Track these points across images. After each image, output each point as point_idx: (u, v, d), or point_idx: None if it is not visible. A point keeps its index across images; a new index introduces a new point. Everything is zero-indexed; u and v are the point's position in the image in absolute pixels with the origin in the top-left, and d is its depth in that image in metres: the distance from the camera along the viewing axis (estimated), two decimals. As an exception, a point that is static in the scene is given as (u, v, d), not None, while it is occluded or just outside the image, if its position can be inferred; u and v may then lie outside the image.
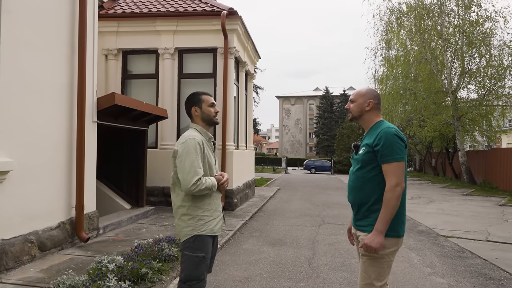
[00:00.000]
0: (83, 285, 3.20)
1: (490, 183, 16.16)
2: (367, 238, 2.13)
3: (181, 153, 2.35)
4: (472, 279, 4.32)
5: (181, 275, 2.38)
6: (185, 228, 2.38)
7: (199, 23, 8.73)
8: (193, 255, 2.35)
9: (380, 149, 2.15)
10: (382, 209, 2.13)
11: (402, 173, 2.15)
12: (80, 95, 5.05)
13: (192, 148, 2.34)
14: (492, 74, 16.77)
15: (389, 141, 2.15)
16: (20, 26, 4.15)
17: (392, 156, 2.13)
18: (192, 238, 2.37)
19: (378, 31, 23.18)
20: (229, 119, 8.70)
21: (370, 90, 2.38)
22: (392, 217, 2.12)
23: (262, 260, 4.91)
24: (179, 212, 2.43)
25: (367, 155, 2.23)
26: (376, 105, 2.33)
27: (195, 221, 2.37)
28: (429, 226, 7.49)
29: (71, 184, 5.01)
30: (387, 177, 2.14)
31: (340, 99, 55.61)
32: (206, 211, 2.41)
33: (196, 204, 2.39)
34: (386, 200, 2.12)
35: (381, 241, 2.10)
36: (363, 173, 2.24)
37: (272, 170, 30.45)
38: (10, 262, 3.93)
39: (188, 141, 2.37)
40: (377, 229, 2.12)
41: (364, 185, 2.24)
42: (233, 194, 8.70)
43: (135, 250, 4.36)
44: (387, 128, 2.20)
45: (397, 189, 2.11)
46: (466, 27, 16.95)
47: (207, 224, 2.40)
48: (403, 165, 2.16)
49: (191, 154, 2.33)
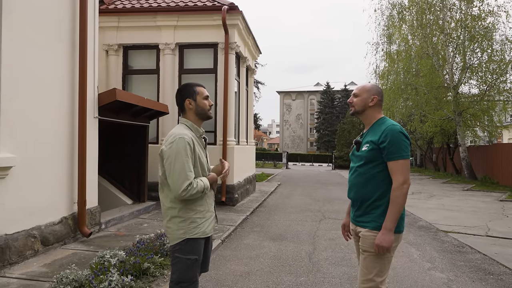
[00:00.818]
0: (86, 279, 3.23)
1: (490, 178, 16.16)
2: (377, 238, 2.14)
3: (170, 155, 2.17)
4: (471, 274, 4.35)
5: (173, 277, 2.28)
6: (177, 232, 2.25)
7: (199, 18, 8.71)
8: (185, 258, 2.24)
9: (386, 147, 2.17)
10: (389, 207, 2.15)
11: (408, 170, 2.18)
12: (82, 91, 5.06)
13: (182, 149, 2.15)
14: (494, 69, 16.68)
15: (395, 139, 2.16)
16: (21, 23, 4.15)
17: (399, 154, 2.16)
18: (184, 241, 2.25)
19: (379, 25, 23.01)
20: (230, 114, 8.70)
21: (375, 86, 2.39)
22: (400, 214, 2.15)
23: (263, 255, 4.95)
24: (169, 213, 2.28)
25: (371, 152, 2.23)
26: (379, 101, 2.35)
27: (186, 224, 2.24)
28: (429, 221, 7.52)
29: (73, 180, 5.04)
30: (394, 175, 2.17)
31: (341, 94, 55.42)
32: (198, 213, 2.27)
33: (188, 206, 2.24)
34: (394, 198, 2.14)
35: (391, 239, 2.13)
36: (367, 169, 2.25)
37: (273, 165, 30.46)
38: (14, 256, 3.98)
39: (177, 141, 2.17)
40: (385, 228, 2.14)
41: (368, 181, 2.25)
42: (234, 189, 8.74)
43: (137, 245, 4.40)
44: (392, 126, 2.21)
45: (404, 186, 2.13)
46: (468, 21, 16.84)
47: (200, 227, 2.27)
48: (409, 162, 2.20)
49: (181, 156, 2.14)
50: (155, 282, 3.66)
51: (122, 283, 3.20)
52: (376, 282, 2.19)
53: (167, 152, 2.20)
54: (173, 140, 2.19)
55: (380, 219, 2.19)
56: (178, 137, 2.19)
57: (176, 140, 2.19)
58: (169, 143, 2.21)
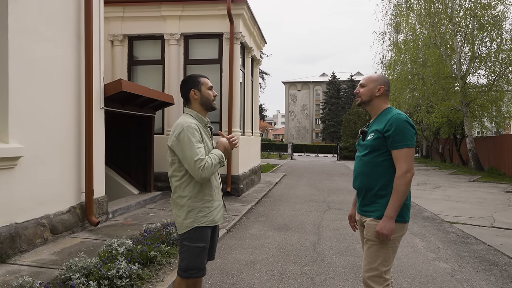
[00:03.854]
0: (95, 267, 3.30)
1: (497, 169, 16.04)
2: (378, 225, 2.15)
3: (181, 142, 2.24)
4: (475, 265, 4.37)
5: (182, 264, 2.36)
6: (185, 221, 2.32)
7: (204, 8, 8.65)
8: (194, 246, 2.31)
9: (391, 135, 2.16)
10: (392, 195, 2.15)
11: (412, 159, 2.17)
12: (88, 82, 5.09)
13: (190, 135, 2.24)
14: (503, 58, 16.42)
15: (400, 127, 2.15)
16: (27, 14, 4.17)
17: (403, 142, 2.15)
18: (192, 230, 2.31)
19: (386, 14, 22.83)
20: (235, 105, 8.70)
21: (382, 76, 2.40)
22: (402, 203, 2.15)
23: (267, 245, 5.00)
24: (178, 202, 2.35)
25: (376, 140, 2.23)
26: (386, 91, 2.34)
27: (195, 213, 2.31)
28: (434, 212, 7.52)
29: (80, 170, 5.11)
30: (398, 163, 2.16)
31: (347, 85, 54.99)
32: (206, 202, 2.34)
33: (197, 195, 2.32)
34: (396, 186, 2.14)
35: (392, 227, 2.13)
36: (371, 158, 2.25)
37: (278, 156, 30.48)
38: (24, 244, 4.07)
39: (185, 129, 2.24)
40: (387, 215, 2.14)
41: (372, 170, 2.25)
42: (239, 180, 8.79)
43: (144, 234, 4.47)
44: (397, 115, 2.21)
45: (408, 175, 2.13)
46: (478, 10, 16.53)
47: (208, 216, 2.34)
48: (413, 151, 2.19)
49: (191, 142, 2.22)
50: (162, 270, 3.73)
51: (129, 270, 3.26)
52: (380, 271, 2.19)
53: (177, 141, 2.26)
54: (181, 130, 2.26)
55: (384, 209, 2.19)
56: (185, 126, 2.27)
57: (184, 129, 2.26)
58: (177, 133, 2.27)
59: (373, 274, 2.21)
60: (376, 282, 2.20)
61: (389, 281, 2.24)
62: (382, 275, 2.20)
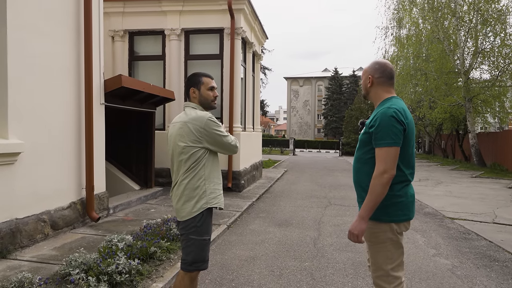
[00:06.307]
0: (94, 262, 3.31)
1: (500, 165, 15.96)
2: (351, 225, 2.04)
3: (213, 132, 2.35)
4: (476, 261, 4.35)
5: (188, 258, 2.36)
6: (198, 203, 2.33)
7: (205, 3, 8.60)
8: (201, 239, 2.35)
9: (374, 131, 2.00)
10: (367, 194, 2.00)
11: (393, 159, 1.95)
12: (88, 77, 5.08)
13: (217, 124, 2.38)
14: (507, 53, 16.25)
15: (384, 124, 1.95)
16: (25, 9, 4.14)
17: (384, 140, 1.95)
18: (199, 218, 2.32)
19: (389, 9, 22.68)
20: (236, 100, 8.67)
21: (372, 64, 2.19)
22: (376, 204, 1.97)
23: (268, 240, 5.00)
24: (189, 192, 2.34)
25: (364, 135, 2.11)
26: (378, 79, 2.13)
27: (207, 194, 2.37)
28: (435, 208, 7.50)
29: (81, 165, 5.11)
30: (376, 162, 1.98)
31: (349, 80, 54.72)
32: (216, 184, 2.43)
33: (209, 179, 2.39)
34: (371, 186, 1.97)
35: (362, 228, 1.99)
36: (360, 154, 2.15)
37: (280, 152, 30.44)
38: (25, 240, 4.08)
39: (207, 122, 2.34)
40: (359, 215, 2.00)
41: (361, 167, 2.14)
42: (240, 176, 8.78)
43: (144, 229, 4.47)
44: (386, 109, 2.00)
45: (384, 176, 1.93)
46: (481, 4, 16.35)
47: (218, 198, 2.42)
48: (396, 150, 1.95)
49: (219, 131, 2.37)
50: (162, 265, 3.73)
51: (129, 266, 3.27)
52: (386, 269, 2.08)
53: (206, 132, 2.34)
54: (205, 123, 2.34)
55: (376, 209, 2.01)
56: (206, 119, 2.35)
57: (206, 122, 2.34)
58: (203, 126, 2.34)
59: (380, 274, 2.11)
60: (385, 281, 2.09)
61: (401, 279, 2.09)
62: (389, 274, 2.08)
